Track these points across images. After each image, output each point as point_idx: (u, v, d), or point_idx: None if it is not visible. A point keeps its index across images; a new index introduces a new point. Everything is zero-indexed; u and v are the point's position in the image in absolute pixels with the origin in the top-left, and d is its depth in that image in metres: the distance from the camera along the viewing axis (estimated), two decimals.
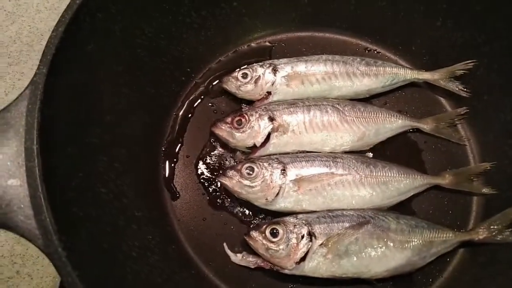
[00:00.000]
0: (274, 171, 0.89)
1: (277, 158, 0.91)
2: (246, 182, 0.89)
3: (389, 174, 0.91)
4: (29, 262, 1.01)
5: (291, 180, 0.88)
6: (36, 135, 0.64)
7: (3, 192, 0.61)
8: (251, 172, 0.89)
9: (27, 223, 0.59)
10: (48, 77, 0.68)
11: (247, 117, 0.95)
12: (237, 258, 0.87)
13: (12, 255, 1.01)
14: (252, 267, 0.87)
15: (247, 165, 0.90)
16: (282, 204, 0.89)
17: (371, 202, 0.90)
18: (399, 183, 0.91)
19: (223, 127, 0.96)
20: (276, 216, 0.89)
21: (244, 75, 1.00)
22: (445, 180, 0.93)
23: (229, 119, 0.96)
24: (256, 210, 0.93)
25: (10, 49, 1.24)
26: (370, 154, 0.97)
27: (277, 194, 0.88)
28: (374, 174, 0.90)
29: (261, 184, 0.88)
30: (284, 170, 0.89)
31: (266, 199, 0.89)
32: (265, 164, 0.90)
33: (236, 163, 0.96)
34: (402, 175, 0.92)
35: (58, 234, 0.59)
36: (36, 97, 0.66)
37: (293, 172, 0.89)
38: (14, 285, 0.99)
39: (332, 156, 0.92)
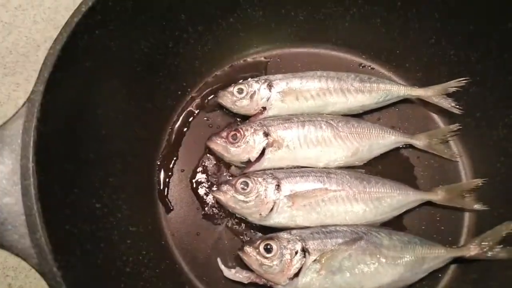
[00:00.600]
0: (269, 186, 0.90)
1: (271, 173, 0.92)
2: (241, 197, 0.89)
3: (382, 190, 0.92)
4: (21, 275, 1.00)
5: (285, 196, 0.89)
6: (32, 153, 0.64)
7: None
8: (245, 187, 0.89)
9: (22, 242, 0.60)
10: (45, 95, 0.68)
11: (242, 132, 0.96)
12: (231, 273, 0.88)
13: (5, 268, 1.01)
14: (246, 282, 0.87)
15: (241, 180, 0.90)
16: (276, 220, 0.89)
17: (364, 218, 0.91)
18: (392, 199, 0.92)
19: (218, 142, 0.97)
20: (270, 231, 0.89)
21: (240, 90, 1.01)
22: (438, 196, 0.94)
23: (224, 134, 0.97)
24: (250, 226, 0.94)
25: (6, 59, 1.24)
26: (362, 170, 0.98)
27: (271, 209, 0.89)
28: (367, 190, 0.91)
29: (255, 199, 0.89)
30: (278, 185, 0.90)
31: (260, 214, 0.89)
32: (259, 179, 0.91)
33: (231, 177, 0.97)
34: (395, 191, 0.93)
35: (53, 253, 0.59)
36: (33, 115, 0.66)
37: (287, 187, 0.90)
38: None
39: (326, 172, 0.93)
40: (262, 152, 0.96)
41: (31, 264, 0.59)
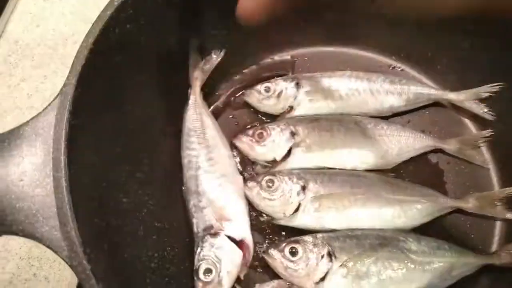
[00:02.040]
0: (294, 186, 0.89)
1: (298, 173, 0.91)
2: (265, 195, 0.89)
3: (412, 196, 0.90)
4: (46, 265, 1.01)
5: (311, 197, 0.88)
6: (64, 146, 0.64)
7: (30, 202, 0.61)
8: (271, 185, 0.89)
9: (53, 234, 0.59)
10: (77, 88, 0.68)
11: (268, 131, 0.95)
12: None
13: (30, 258, 1.02)
14: None
15: (267, 177, 0.90)
16: (301, 221, 0.88)
17: (393, 223, 0.89)
18: (422, 205, 0.90)
19: (244, 140, 0.96)
20: (296, 233, 0.88)
21: (267, 89, 1.00)
22: (468, 204, 0.92)
23: (250, 132, 0.96)
24: (276, 227, 0.93)
25: (34, 52, 1.25)
26: (392, 174, 0.96)
27: (297, 210, 0.88)
28: (397, 194, 0.89)
29: (280, 198, 0.88)
30: (304, 186, 0.89)
31: (284, 213, 0.88)
32: (285, 178, 0.89)
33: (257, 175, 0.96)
34: (425, 197, 0.90)
35: (83, 246, 0.59)
36: (65, 108, 0.66)
37: (313, 188, 0.89)
38: (31, 287, 0.99)
39: (355, 174, 0.91)
40: (289, 152, 0.94)
41: (61, 256, 0.59)
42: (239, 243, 0.84)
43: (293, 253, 0.82)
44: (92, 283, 0.57)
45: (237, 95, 1.06)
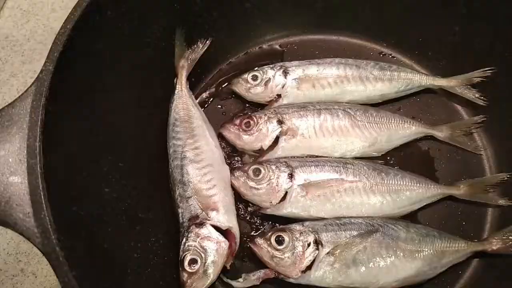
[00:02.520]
0: (281, 174, 0.87)
1: (285, 162, 0.89)
2: (252, 184, 0.87)
3: (401, 183, 0.88)
4: (33, 260, 1.00)
5: (298, 185, 0.86)
6: (39, 132, 0.63)
7: (3, 189, 0.60)
8: (257, 174, 0.87)
9: (26, 221, 0.58)
10: (54, 74, 0.67)
11: (255, 120, 0.93)
12: (240, 283, 0.83)
13: (17, 253, 1.01)
14: (258, 283, 0.83)
15: (254, 166, 0.88)
16: (289, 210, 0.87)
17: (381, 211, 0.87)
18: (411, 192, 0.88)
19: (231, 129, 0.94)
20: (284, 223, 0.87)
21: (254, 77, 0.98)
22: (460, 190, 0.90)
23: (237, 121, 0.94)
24: (263, 217, 0.91)
25: (24, 47, 1.25)
26: (381, 161, 0.94)
27: (284, 198, 0.86)
28: (386, 182, 0.88)
29: (267, 187, 0.87)
30: (291, 174, 0.87)
31: (271, 202, 0.87)
32: (272, 167, 0.88)
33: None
34: (415, 184, 0.89)
35: (56, 233, 0.58)
36: (41, 94, 0.65)
37: (301, 176, 0.87)
38: (19, 283, 0.98)
39: (343, 162, 0.89)
40: (276, 141, 0.93)
41: (34, 243, 0.58)
42: (225, 233, 0.83)
43: (279, 241, 0.81)
44: (65, 270, 0.56)
45: (224, 85, 1.05)
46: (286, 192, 0.86)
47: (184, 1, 0.93)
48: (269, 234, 0.82)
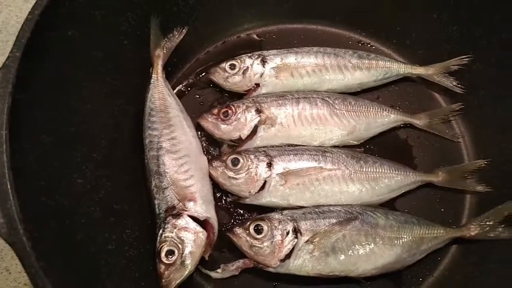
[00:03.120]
0: (260, 163, 0.86)
1: (264, 151, 0.88)
2: (230, 174, 0.86)
3: (380, 170, 0.88)
4: (7, 256, 0.97)
5: (277, 174, 0.85)
6: (6, 120, 0.61)
7: None
8: (236, 163, 0.86)
9: None
10: (22, 61, 0.65)
11: (233, 109, 0.92)
12: (218, 274, 0.82)
13: None
14: (237, 273, 0.82)
15: (232, 156, 0.87)
16: (268, 199, 0.86)
17: (360, 199, 0.87)
18: (390, 180, 0.88)
19: (209, 119, 0.93)
20: (263, 212, 0.86)
21: (232, 66, 0.97)
22: (438, 177, 0.90)
23: (215, 111, 0.93)
24: (242, 207, 0.90)
25: None
26: (360, 149, 0.94)
27: (263, 187, 0.85)
28: (364, 169, 0.87)
29: (245, 176, 0.86)
30: (270, 163, 0.86)
31: (250, 192, 0.86)
32: (251, 156, 0.87)
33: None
34: (394, 172, 0.89)
35: (24, 223, 0.56)
36: (8, 81, 0.63)
37: (280, 165, 0.86)
38: None
39: (321, 150, 0.89)
40: (255, 130, 0.92)
41: (0, 234, 0.56)
42: (203, 223, 0.82)
43: (258, 230, 0.80)
44: (32, 261, 0.54)
45: (202, 74, 1.03)
46: (265, 181, 0.85)
47: None
48: (248, 223, 0.81)
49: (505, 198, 0.84)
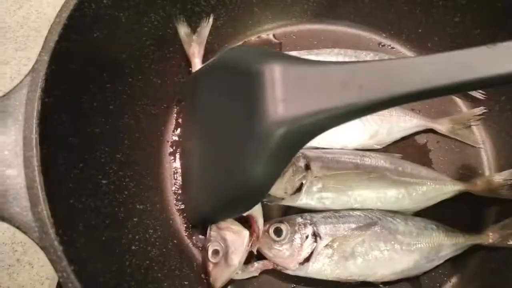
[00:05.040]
0: (297, 164, 0.85)
1: (301, 153, 0.87)
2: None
3: (418, 177, 0.88)
4: (30, 250, 1.00)
5: (314, 177, 0.84)
6: (36, 124, 0.62)
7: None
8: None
9: (23, 215, 0.58)
10: (50, 65, 0.65)
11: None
12: (238, 274, 0.83)
13: (13, 243, 1.00)
14: (257, 274, 0.83)
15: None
16: (303, 201, 0.85)
17: (397, 206, 0.86)
18: (428, 188, 0.87)
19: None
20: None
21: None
22: (476, 187, 0.89)
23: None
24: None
25: (17, 34, 1.22)
26: (399, 155, 0.93)
27: (299, 189, 0.84)
28: (403, 176, 0.87)
29: (283, 175, 0.84)
30: (308, 165, 0.85)
31: (286, 192, 0.85)
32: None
33: None
34: (432, 180, 0.88)
35: (54, 227, 0.57)
36: (37, 85, 0.64)
37: (317, 168, 0.85)
38: (15, 273, 0.98)
39: (360, 155, 0.89)
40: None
41: (32, 238, 0.57)
42: (247, 218, 0.82)
43: (278, 233, 0.81)
44: (64, 265, 0.55)
45: None
46: (302, 183, 0.85)
47: None
48: (268, 225, 0.82)
49: None
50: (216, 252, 0.80)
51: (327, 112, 0.57)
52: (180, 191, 0.93)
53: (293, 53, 0.99)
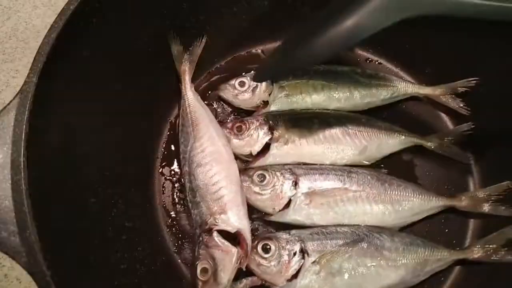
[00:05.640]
0: (286, 181, 0.88)
1: (290, 169, 0.90)
2: (256, 189, 0.88)
3: (404, 194, 0.89)
4: (18, 265, 0.99)
5: (302, 193, 0.87)
6: (24, 147, 0.62)
7: None
8: (262, 180, 0.88)
9: (11, 240, 0.58)
10: (38, 86, 0.66)
11: (247, 125, 0.94)
12: None
13: (1, 257, 1.00)
14: None
15: (259, 172, 0.89)
16: (292, 217, 0.88)
17: (383, 221, 0.88)
18: (414, 203, 0.89)
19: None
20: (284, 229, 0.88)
21: (242, 84, 0.98)
22: (461, 202, 0.90)
23: (229, 125, 0.95)
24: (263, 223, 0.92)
25: (5, 45, 1.22)
26: (385, 171, 0.95)
27: (287, 205, 0.87)
28: (389, 192, 0.89)
29: (271, 193, 0.88)
30: (296, 182, 0.88)
31: (274, 208, 0.88)
32: (277, 173, 0.89)
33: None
34: (417, 196, 0.90)
35: (42, 251, 0.58)
36: (25, 107, 0.64)
37: (305, 184, 0.88)
38: None
39: (347, 171, 0.90)
40: (268, 147, 0.93)
41: (19, 263, 0.57)
42: (236, 235, 0.83)
43: (266, 250, 0.82)
44: None
45: (209, 91, 1.04)
46: (290, 200, 0.87)
47: (170, 6, 0.91)
48: (256, 242, 0.83)
49: (510, 221, 0.85)
50: (205, 270, 0.80)
51: None
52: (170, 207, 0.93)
53: None
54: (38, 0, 1.27)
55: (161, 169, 0.97)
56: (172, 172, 0.97)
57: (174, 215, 0.94)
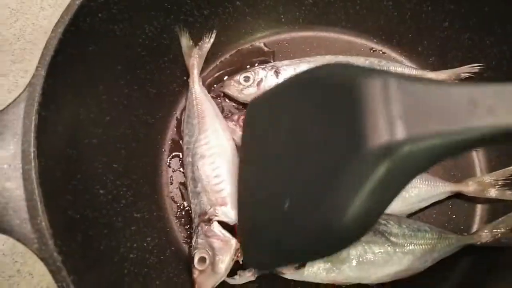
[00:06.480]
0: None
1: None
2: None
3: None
4: (30, 260, 1.01)
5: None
6: (33, 138, 0.63)
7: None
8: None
9: (23, 227, 0.59)
10: (46, 79, 0.67)
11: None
12: (236, 279, 0.84)
13: (13, 253, 1.01)
14: (253, 279, 0.84)
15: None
16: None
17: (390, 208, 0.86)
18: (420, 190, 0.89)
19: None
20: None
21: (246, 78, 0.99)
22: (468, 187, 0.90)
23: (235, 117, 0.96)
24: None
25: (14, 46, 1.24)
26: None
27: None
28: None
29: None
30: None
31: None
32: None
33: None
34: (424, 182, 0.89)
35: (53, 238, 0.59)
36: (34, 99, 0.65)
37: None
38: (15, 283, 0.99)
39: None
40: None
41: (31, 249, 0.59)
42: (234, 227, 0.84)
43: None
44: (63, 275, 0.57)
45: (215, 85, 1.05)
46: None
47: (174, 0, 0.92)
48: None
49: None
50: (202, 259, 0.81)
51: (453, 135, 0.46)
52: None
53: (286, 62, 1.02)
54: (45, 2, 1.29)
55: (168, 161, 0.98)
56: (179, 164, 0.98)
57: (182, 206, 0.95)
